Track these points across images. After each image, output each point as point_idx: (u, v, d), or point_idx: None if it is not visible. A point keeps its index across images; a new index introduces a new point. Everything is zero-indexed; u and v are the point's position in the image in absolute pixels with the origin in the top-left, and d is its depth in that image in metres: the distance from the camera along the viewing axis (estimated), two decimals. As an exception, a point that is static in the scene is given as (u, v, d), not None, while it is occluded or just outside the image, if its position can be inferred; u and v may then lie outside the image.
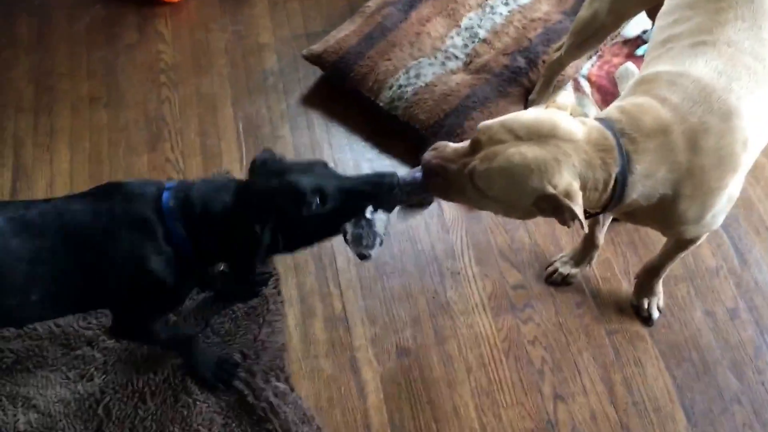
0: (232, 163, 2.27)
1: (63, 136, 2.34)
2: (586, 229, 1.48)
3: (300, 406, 1.82)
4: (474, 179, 1.41)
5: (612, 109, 1.50)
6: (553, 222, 2.09)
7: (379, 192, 1.49)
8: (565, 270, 2.06)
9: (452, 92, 2.20)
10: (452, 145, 1.48)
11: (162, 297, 1.59)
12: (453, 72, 2.25)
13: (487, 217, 2.15)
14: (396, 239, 2.11)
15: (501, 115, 1.42)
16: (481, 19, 2.34)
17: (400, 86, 2.21)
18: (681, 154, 1.43)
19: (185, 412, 1.81)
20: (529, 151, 1.37)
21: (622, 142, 1.41)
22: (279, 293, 2.02)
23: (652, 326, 1.97)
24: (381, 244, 1.56)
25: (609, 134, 1.41)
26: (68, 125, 2.37)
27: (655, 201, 1.48)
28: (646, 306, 1.99)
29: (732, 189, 1.53)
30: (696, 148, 1.43)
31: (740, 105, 1.47)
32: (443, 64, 2.26)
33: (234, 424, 1.80)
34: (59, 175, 2.26)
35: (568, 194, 1.36)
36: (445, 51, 2.29)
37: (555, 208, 1.39)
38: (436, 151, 1.49)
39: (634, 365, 1.90)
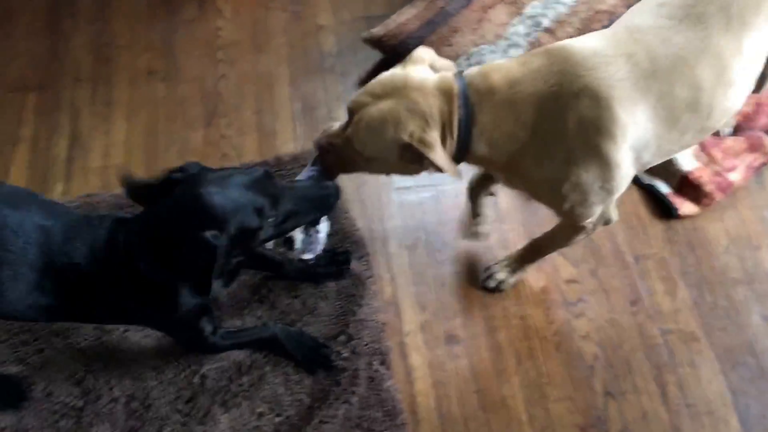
0: (286, 142, 2.27)
1: (120, 108, 2.36)
2: (455, 174, 1.50)
3: (392, 397, 1.79)
4: (353, 144, 1.54)
5: (476, 67, 1.56)
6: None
7: (326, 198, 1.58)
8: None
9: (512, 81, 2.17)
10: (338, 123, 1.62)
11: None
12: (514, 60, 2.23)
13: (542, 208, 2.11)
14: (448, 227, 2.10)
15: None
16: (545, 8, 2.31)
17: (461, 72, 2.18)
18: (525, 112, 1.47)
19: (278, 390, 1.81)
20: (384, 106, 1.48)
21: (469, 92, 1.48)
22: (370, 270, 2.00)
23: (491, 292, 1.97)
24: (321, 248, 1.77)
25: (455, 83, 1.48)
26: (125, 97, 2.39)
27: (506, 158, 1.53)
28: (500, 276, 1.98)
29: (593, 176, 1.50)
30: (540, 111, 1.46)
31: (602, 87, 1.43)
32: (505, 51, 2.23)
33: (322, 408, 1.77)
34: (114, 145, 2.27)
35: (423, 140, 1.45)
36: (508, 38, 2.26)
37: (416, 156, 1.48)
38: (324, 131, 1.64)
39: (687, 367, 1.86)
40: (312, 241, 1.72)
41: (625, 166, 1.53)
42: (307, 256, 1.74)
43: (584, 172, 1.50)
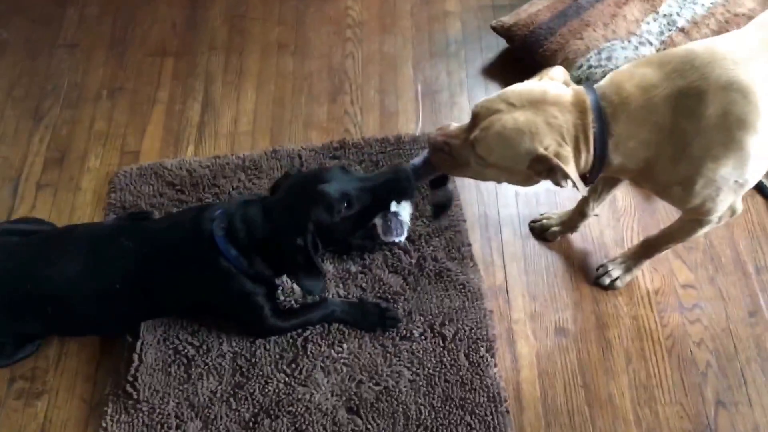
0: (407, 123, 2.31)
1: (250, 78, 2.46)
2: (584, 192, 1.49)
3: (496, 383, 1.82)
4: (475, 148, 1.51)
5: (606, 77, 1.54)
6: (731, 225, 2.07)
7: (397, 186, 1.65)
8: (548, 224, 2.06)
9: (641, 79, 2.14)
10: (455, 123, 1.60)
11: (242, 304, 1.81)
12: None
13: (660, 209, 2.10)
14: (564, 220, 2.10)
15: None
16: (681, 8, 2.26)
17: (590, 66, 2.17)
18: (662, 114, 1.44)
19: (377, 361, 1.86)
20: (521, 116, 1.46)
21: (603, 104, 1.47)
22: (472, 258, 2.03)
23: (605, 290, 1.97)
24: (408, 230, 1.78)
25: (588, 96, 1.47)
26: (256, 68, 2.48)
27: (642, 164, 1.51)
28: (614, 273, 1.95)
29: (729, 170, 1.48)
30: (679, 109, 1.43)
31: (749, 81, 1.41)
32: (636, 49, 2.20)
33: (422, 383, 1.83)
34: (244, 113, 2.37)
35: (559, 155, 1.44)
36: (640, 36, 2.22)
37: (548, 169, 1.46)
38: (440, 129, 1.61)
39: (806, 384, 1.82)
40: (391, 226, 1.73)
41: (759, 160, 1.51)
42: (393, 239, 1.77)
43: (723, 167, 1.48)
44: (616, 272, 1.97)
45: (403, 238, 1.77)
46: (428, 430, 1.76)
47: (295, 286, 1.96)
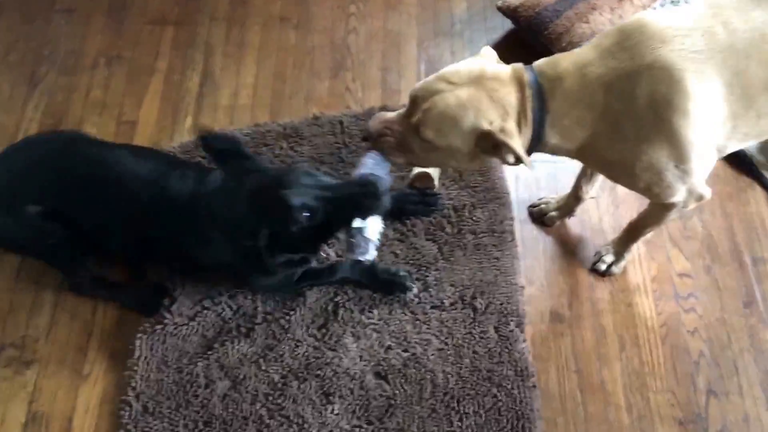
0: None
1: (251, 51, 2.42)
2: (530, 165, 1.48)
3: (524, 358, 1.83)
4: (420, 131, 1.50)
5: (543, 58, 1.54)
6: (730, 215, 2.07)
7: (361, 201, 1.56)
8: (547, 208, 2.05)
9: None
10: (390, 112, 1.59)
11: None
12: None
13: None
14: (563, 205, 2.10)
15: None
16: (689, -5, 2.23)
17: (595, 51, 2.14)
18: (595, 94, 1.45)
19: (406, 328, 1.87)
20: (463, 93, 1.46)
21: (540, 81, 1.47)
22: (512, 232, 2.03)
23: (602, 277, 1.97)
24: (376, 248, 1.66)
25: (526, 73, 1.47)
26: (257, 41, 2.44)
27: (577, 143, 1.52)
28: (608, 259, 1.96)
29: (665, 154, 1.47)
30: (611, 90, 1.43)
31: (674, 61, 1.40)
32: (643, 35, 2.18)
33: (450, 352, 1.84)
34: (244, 87, 2.34)
35: (503, 130, 1.44)
36: (647, 22, 2.20)
37: (494, 146, 1.46)
38: (375, 118, 1.59)
39: (797, 377, 1.84)
40: (354, 242, 1.62)
41: (699, 144, 1.49)
42: (357, 257, 1.65)
43: (656, 150, 1.48)
44: (609, 258, 1.96)
45: (369, 257, 1.65)
46: (454, 399, 1.78)
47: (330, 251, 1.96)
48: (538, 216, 2.07)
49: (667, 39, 1.41)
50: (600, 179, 1.95)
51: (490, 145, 1.47)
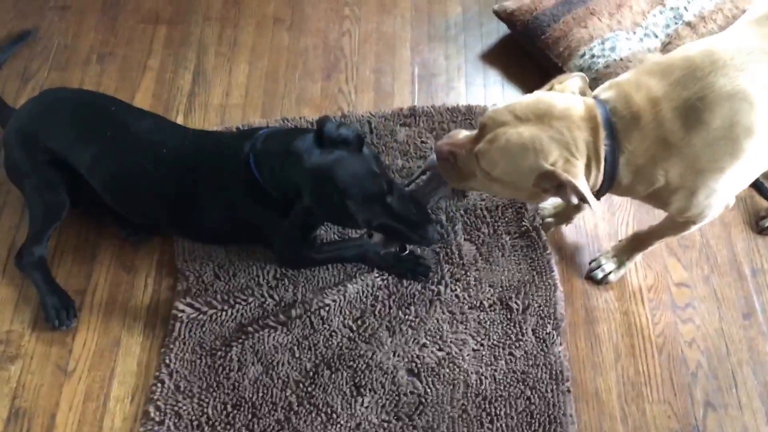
0: (403, 104, 2.24)
1: (244, 50, 2.39)
2: (596, 208, 1.43)
3: (560, 361, 1.78)
4: (479, 161, 1.46)
5: (607, 85, 1.48)
6: (728, 224, 2.02)
7: (412, 237, 1.66)
8: (543, 214, 2.00)
9: (644, 72, 2.09)
10: (464, 132, 1.53)
11: (271, 224, 1.78)
12: (649, 51, 2.13)
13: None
14: (558, 211, 2.05)
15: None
16: (689, 1, 2.20)
17: (592, 56, 2.11)
18: (671, 129, 1.38)
19: (442, 326, 1.84)
20: (525, 131, 1.41)
21: (614, 120, 1.41)
22: (538, 231, 1.98)
23: (598, 285, 1.92)
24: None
25: (599, 112, 1.40)
26: (250, 41, 2.41)
27: (651, 183, 1.46)
28: (607, 267, 1.90)
29: (732, 179, 1.44)
30: (688, 123, 1.37)
31: (750, 89, 1.36)
32: (641, 40, 2.15)
33: (485, 353, 1.80)
34: (236, 86, 2.30)
35: (568, 170, 1.37)
36: (645, 28, 2.17)
37: (558, 186, 1.40)
38: (448, 137, 1.55)
39: (798, 390, 1.77)
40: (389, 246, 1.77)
41: (763, 163, 1.47)
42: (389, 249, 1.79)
43: (727, 176, 1.44)
44: (609, 266, 1.91)
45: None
46: (486, 401, 1.74)
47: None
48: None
49: (742, 67, 1.37)
50: None
51: (552, 185, 1.41)
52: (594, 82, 2.10)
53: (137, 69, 2.34)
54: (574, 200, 1.40)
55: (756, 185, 2.05)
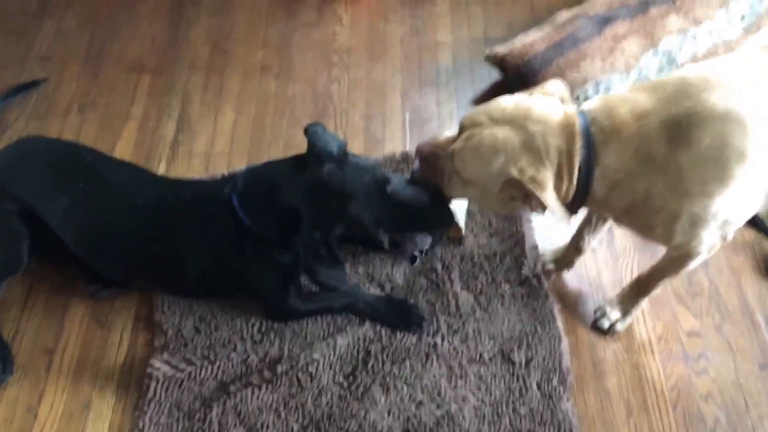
0: (393, 151, 2.16)
1: (230, 98, 2.33)
2: (565, 221, 1.36)
3: (568, 418, 1.65)
4: (453, 160, 1.44)
5: (596, 98, 1.42)
6: (738, 272, 1.92)
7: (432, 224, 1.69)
8: (542, 261, 1.91)
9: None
10: (448, 132, 1.52)
11: (260, 273, 1.71)
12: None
13: (660, 249, 1.95)
14: (558, 258, 1.95)
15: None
16: (681, 45, 2.18)
17: (587, 98, 2.06)
18: (655, 145, 1.32)
19: (441, 382, 1.71)
20: (499, 133, 1.37)
21: (592, 130, 1.34)
22: (540, 279, 1.88)
23: (605, 335, 1.80)
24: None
25: (578, 121, 1.34)
26: (237, 89, 2.36)
27: (628, 201, 1.39)
28: (613, 316, 1.79)
29: (720, 206, 1.36)
30: (675, 139, 1.30)
31: (745, 111, 1.29)
32: (636, 82, 2.10)
33: (487, 410, 1.67)
34: (221, 134, 2.24)
35: (534, 179, 1.32)
36: (639, 70, 2.13)
37: (524, 195, 1.35)
38: (430, 138, 1.55)
39: (824, 446, 1.64)
40: (401, 250, 1.74)
41: (758, 195, 1.39)
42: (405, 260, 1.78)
43: (716, 204, 1.36)
44: (614, 315, 1.80)
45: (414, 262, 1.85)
46: None
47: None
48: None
49: (737, 90, 1.31)
50: (605, 229, 1.82)
51: (519, 193, 1.36)
52: (590, 125, 2.05)
53: (119, 118, 2.27)
54: (540, 212, 1.38)
55: (755, 223, 1.97)
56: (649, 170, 1.34)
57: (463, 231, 1.92)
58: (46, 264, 1.87)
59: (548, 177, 1.34)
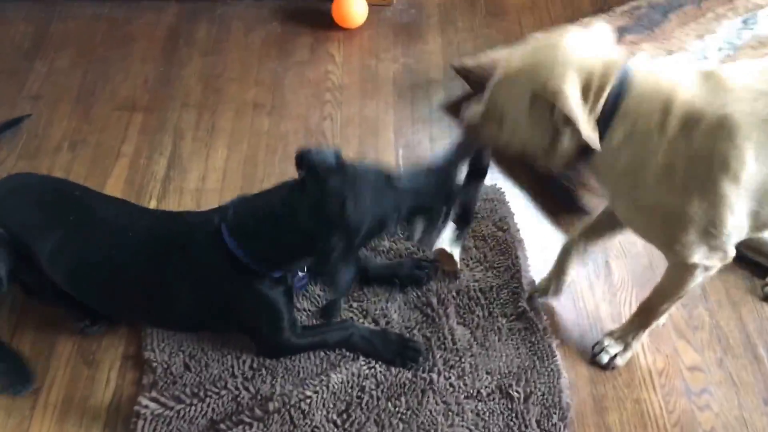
0: (387, 186, 2.17)
1: (223, 136, 2.32)
2: (593, 139, 1.31)
3: None
4: (488, 98, 1.45)
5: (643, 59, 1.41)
6: (737, 303, 1.89)
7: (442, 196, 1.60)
8: (536, 288, 1.88)
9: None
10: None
11: (255, 309, 1.66)
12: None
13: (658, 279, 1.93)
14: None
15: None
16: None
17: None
18: (671, 121, 1.31)
19: (437, 419, 1.65)
20: (527, 54, 1.40)
21: (629, 76, 1.33)
22: (538, 312, 1.86)
23: (604, 370, 1.77)
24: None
25: (620, 61, 1.35)
26: (229, 126, 2.35)
27: (629, 159, 1.37)
28: (612, 350, 1.75)
29: (700, 212, 1.35)
30: (683, 127, 1.31)
31: (742, 123, 1.29)
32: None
33: None
34: (213, 171, 2.22)
35: (558, 90, 1.30)
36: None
37: (551, 110, 1.33)
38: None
39: (834, 484, 1.59)
40: (427, 237, 1.67)
41: (738, 213, 1.37)
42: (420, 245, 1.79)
43: (692, 205, 1.35)
44: (613, 348, 1.76)
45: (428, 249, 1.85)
46: None
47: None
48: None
49: (739, 99, 1.32)
50: (593, 249, 1.80)
51: (548, 108, 1.33)
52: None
53: (110, 155, 2.25)
54: (565, 134, 1.35)
55: (740, 257, 1.95)
56: (658, 141, 1.33)
57: (459, 265, 1.89)
58: (31, 303, 1.83)
59: (575, 85, 1.31)
